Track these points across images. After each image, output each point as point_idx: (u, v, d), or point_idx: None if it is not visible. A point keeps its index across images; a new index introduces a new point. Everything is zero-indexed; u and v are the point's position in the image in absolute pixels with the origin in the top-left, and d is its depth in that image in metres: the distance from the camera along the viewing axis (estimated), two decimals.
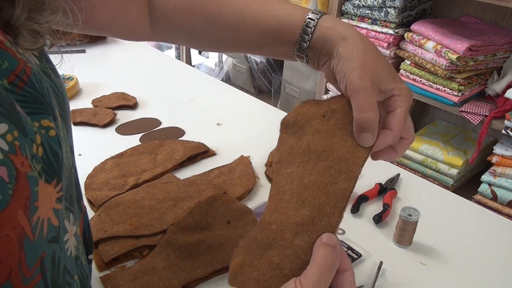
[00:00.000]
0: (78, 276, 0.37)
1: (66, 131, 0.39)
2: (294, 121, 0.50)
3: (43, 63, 0.37)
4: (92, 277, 0.60)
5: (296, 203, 0.43)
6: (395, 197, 0.79)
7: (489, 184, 1.55)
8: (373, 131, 0.44)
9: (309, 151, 0.46)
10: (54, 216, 0.31)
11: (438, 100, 1.64)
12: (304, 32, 0.49)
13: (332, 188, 0.43)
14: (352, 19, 1.84)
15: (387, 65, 0.47)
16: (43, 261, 0.29)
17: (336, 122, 0.46)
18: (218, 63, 2.52)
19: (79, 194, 0.43)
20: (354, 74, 0.45)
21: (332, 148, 0.45)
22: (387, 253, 0.68)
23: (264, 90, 2.47)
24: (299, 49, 0.51)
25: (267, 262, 0.41)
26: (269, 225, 0.43)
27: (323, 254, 0.38)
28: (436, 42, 1.58)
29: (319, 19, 0.49)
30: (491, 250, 0.71)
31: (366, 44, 0.47)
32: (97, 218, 0.68)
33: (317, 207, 0.42)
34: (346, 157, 0.44)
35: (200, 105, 1.10)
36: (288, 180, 0.46)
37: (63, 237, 0.33)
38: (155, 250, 0.63)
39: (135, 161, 0.83)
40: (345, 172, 0.43)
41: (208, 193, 0.74)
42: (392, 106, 0.46)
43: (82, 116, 0.98)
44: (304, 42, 0.50)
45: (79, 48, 1.40)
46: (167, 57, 1.50)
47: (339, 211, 0.42)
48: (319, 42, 0.49)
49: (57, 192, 0.32)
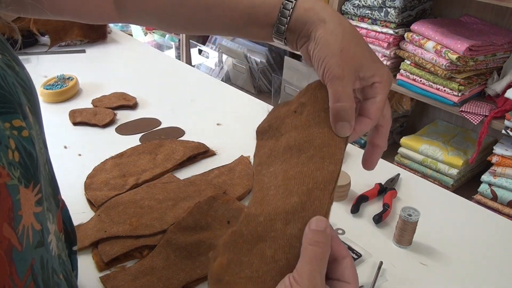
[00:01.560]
0: (62, 274, 0.37)
1: (39, 126, 0.37)
2: (268, 126, 0.49)
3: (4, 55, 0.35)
4: (92, 277, 0.60)
5: (283, 193, 0.42)
6: (395, 197, 0.79)
7: (489, 184, 1.55)
8: (349, 120, 0.43)
9: (290, 147, 0.45)
10: (35, 220, 0.30)
11: (438, 100, 1.64)
12: (282, 15, 0.47)
13: (319, 173, 0.42)
14: (352, 19, 1.84)
15: (367, 49, 0.46)
16: (33, 268, 0.29)
17: (308, 114, 0.46)
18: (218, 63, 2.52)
19: (55, 190, 0.41)
20: (331, 61, 0.43)
21: (311, 138, 0.44)
22: (387, 253, 0.68)
23: (264, 90, 2.47)
24: (277, 32, 0.49)
25: (259, 256, 0.39)
26: (256, 217, 0.41)
27: (311, 244, 0.37)
28: (436, 42, 1.58)
29: (297, 0, 0.47)
30: (491, 250, 0.71)
31: (345, 27, 0.45)
32: (97, 218, 0.68)
33: (306, 193, 0.41)
34: (327, 142, 0.43)
35: (200, 105, 1.10)
36: (271, 178, 0.44)
37: (47, 239, 0.33)
38: (155, 250, 0.63)
39: (135, 161, 0.83)
40: (329, 157, 0.43)
41: (208, 193, 0.74)
42: (371, 93, 0.45)
43: (82, 116, 0.98)
44: (282, 25, 0.48)
45: (79, 48, 1.40)
46: (167, 57, 1.50)
47: (329, 192, 0.40)
48: (298, 24, 0.47)
49: (36, 195, 0.31)
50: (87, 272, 0.61)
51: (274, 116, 0.50)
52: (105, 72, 1.27)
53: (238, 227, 0.42)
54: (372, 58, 0.45)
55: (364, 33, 1.80)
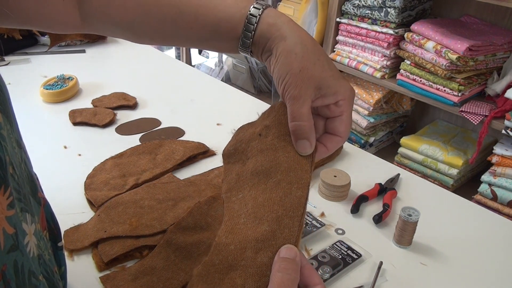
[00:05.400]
0: (43, 275, 0.36)
1: (10, 125, 0.36)
2: (234, 149, 0.49)
3: None
4: (92, 277, 0.60)
5: (253, 222, 0.42)
6: (395, 197, 0.79)
7: (489, 184, 1.55)
8: (308, 138, 0.44)
9: (257, 172, 0.45)
10: (8, 224, 0.30)
11: (438, 100, 1.64)
12: (247, 29, 0.48)
13: (288, 199, 0.42)
14: (352, 19, 1.84)
15: (329, 66, 0.46)
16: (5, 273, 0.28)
17: (273, 137, 0.46)
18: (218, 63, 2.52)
19: (34, 188, 0.40)
20: (290, 81, 0.44)
21: (277, 163, 0.44)
22: (387, 253, 0.68)
23: (264, 90, 2.47)
24: (242, 46, 0.49)
25: (230, 285, 0.39)
26: (227, 246, 0.41)
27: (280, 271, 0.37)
28: (436, 42, 1.58)
29: (261, 15, 0.47)
30: (491, 250, 0.71)
31: (306, 44, 0.45)
32: (97, 218, 0.68)
33: (276, 220, 0.40)
34: (293, 167, 0.44)
35: (200, 105, 1.10)
36: (241, 205, 0.44)
37: (23, 242, 0.32)
38: (155, 250, 0.63)
39: (135, 161, 0.83)
40: (296, 181, 0.43)
41: (208, 193, 0.74)
42: (337, 111, 0.47)
43: (82, 116, 0.98)
44: (247, 39, 0.48)
45: (79, 48, 1.40)
46: (167, 57, 1.50)
47: (298, 219, 0.40)
48: (261, 40, 0.48)
49: (7, 198, 0.31)
50: (87, 272, 0.61)
51: (239, 139, 0.50)
52: (105, 72, 1.27)
53: (209, 257, 0.42)
54: (334, 75, 0.46)
55: (364, 33, 1.80)
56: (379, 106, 1.88)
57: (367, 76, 1.85)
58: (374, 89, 1.89)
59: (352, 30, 1.84)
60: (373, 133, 1.95)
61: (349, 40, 1.87)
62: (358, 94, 1.88)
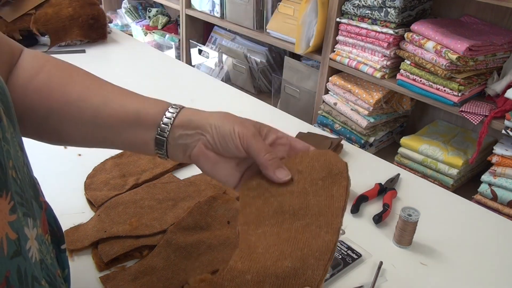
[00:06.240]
0: (45, 280, 0.36)
1: (13, 128, 0.35)
2: (257, 184, 0.49)
3: None
4: (92, 277, 0.60)
5: (273, 253, 0.40)
6: (395, 197, 0.79)
7: (489, 184, 1.55)
8: (281, 165, 0.48)
9: (283, 211, 0.45)
10: (10, 230, 0.30)
11: (438, 100, 1.64)
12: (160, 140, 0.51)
13: (315, 241, 0.40)
14: (352, 19, 1.84)
15: None
16: (9, 279, 0.28)
17: (305, 181, 0.47)
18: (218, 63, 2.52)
19: (36, 192, 0.40)
20: (239, 129, 0.48)
21: (308, 206, 0.44)
22: (387, 253, 0.68)
23: (264, 90, 2.47)
24: (159, 136, 0.51)
25: None
26: (242, 274, 0.39)
27: None
28: (436, 42, 1.58)
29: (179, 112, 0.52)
30: (491, 250, 0.71)
31: (226, 113, 0.52)
32: (97, 218, 0.68)
33: (300, 259, 0.39)
34: (324, 211, 0.43)
35: (200, 105, 1.10)
36: (260, 238, 0.43)
37: (25, 247, 0.32)
38: (155, 250, 0.63)
39: (135, 161, 0.83)
40: (326, 225, 0.42)
41: (208, 193, 0.74)
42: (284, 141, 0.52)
43: None
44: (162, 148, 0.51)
45: (79, 48, 1.40)
46: (167, 57, 1.50)
47: (324, 263, 0.39)
48: (185, 131, 0.51)
49: (9, 203, 0.30)
50: (87, 272, 0.61)
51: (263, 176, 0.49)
52: (105, 72, 1.26)
53: (219, 279, 0.39)
54: (256, 122, 0.52)
55: (364, 33, 1.80)
56: (379, 106, 1.88)
57: (367, 76, 1.85)
58: (374, 89, 1.89)
59: (352, 30, 1.83)
60: (373, 133, 1.95)
61: (349, 40, 1.87)
62: (358, 94, 1.88)
